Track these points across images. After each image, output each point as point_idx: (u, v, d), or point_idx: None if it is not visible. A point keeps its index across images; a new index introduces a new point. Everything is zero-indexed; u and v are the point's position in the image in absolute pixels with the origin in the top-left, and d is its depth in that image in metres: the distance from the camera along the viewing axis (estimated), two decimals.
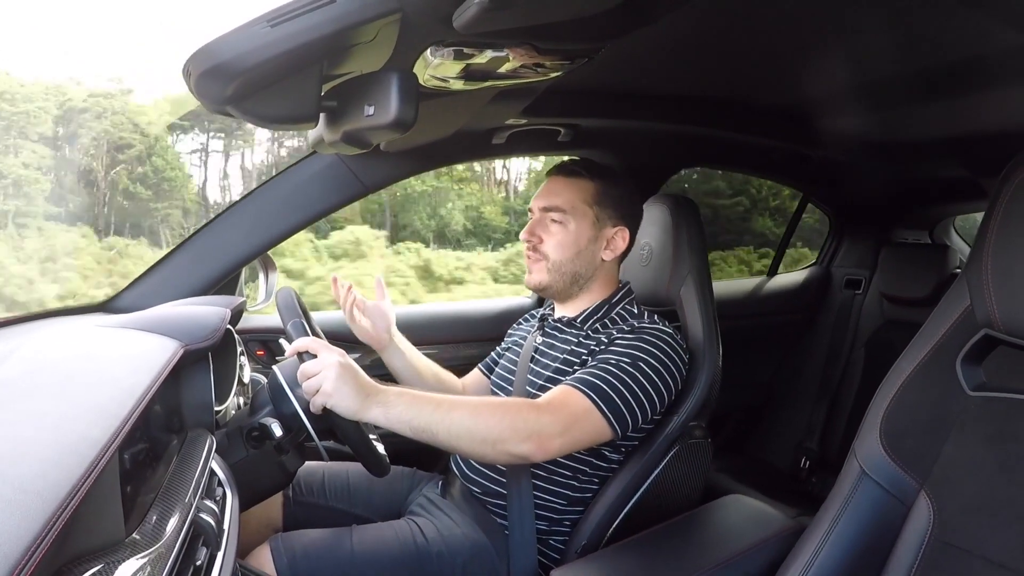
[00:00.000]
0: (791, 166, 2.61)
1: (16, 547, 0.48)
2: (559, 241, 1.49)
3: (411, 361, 1.71)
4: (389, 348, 1.68)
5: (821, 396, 2.86)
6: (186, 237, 1.75)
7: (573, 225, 1.49)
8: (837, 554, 1.03)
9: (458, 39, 0.95)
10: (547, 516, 1.43)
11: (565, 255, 1.49)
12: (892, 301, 2.74)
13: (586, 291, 1.54)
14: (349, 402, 1.14)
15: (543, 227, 1.51)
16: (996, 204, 0.97)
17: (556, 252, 1.49)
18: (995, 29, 1.19)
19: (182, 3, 3.67)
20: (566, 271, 1.50)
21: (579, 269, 1.51)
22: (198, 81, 0.90)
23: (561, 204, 1.49)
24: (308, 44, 0.86)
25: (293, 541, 1.33)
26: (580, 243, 1.49)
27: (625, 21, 0.97)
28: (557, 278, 1.50)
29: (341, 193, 1.80)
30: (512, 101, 1.42)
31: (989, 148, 1.89)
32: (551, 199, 1.50)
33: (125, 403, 0.77)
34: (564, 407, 1.28)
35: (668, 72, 1.63)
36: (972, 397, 0.99)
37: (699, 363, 1.47)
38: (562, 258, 1.49)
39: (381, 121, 0.99)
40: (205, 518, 0.85)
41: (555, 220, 1.49)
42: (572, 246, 1.49)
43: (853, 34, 1.32)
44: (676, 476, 1.45)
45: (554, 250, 1.49)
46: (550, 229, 1.50)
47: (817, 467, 2.79)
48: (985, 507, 0.93)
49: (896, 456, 1.02)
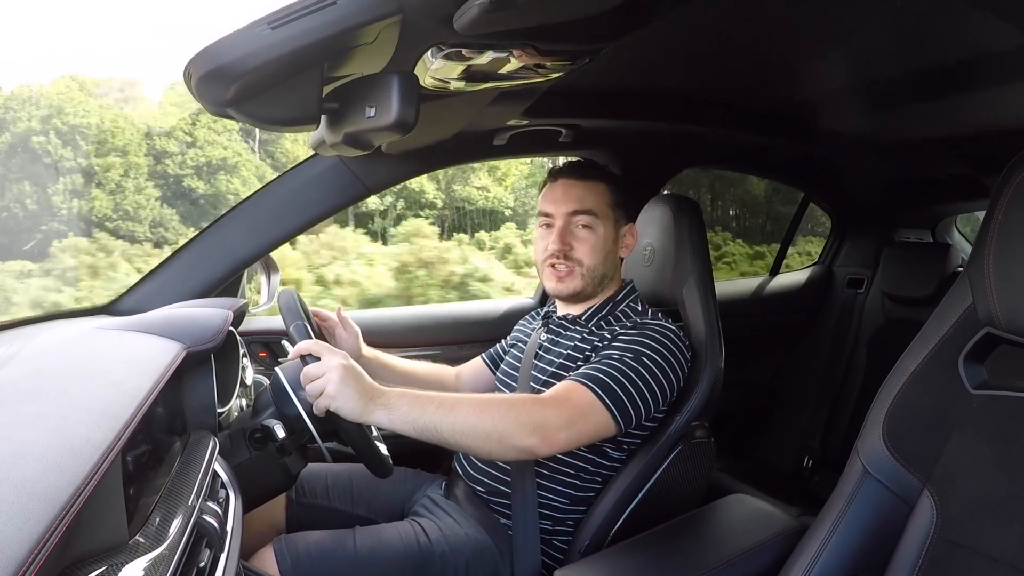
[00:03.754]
0: (793, 166, 2.61)
1: (20, 550, 0.48)
2: (592, 246, 1.49)
3: (389, 370, 1.71)
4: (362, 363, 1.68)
5: (823, 395, 2.86)
6: (188, 239, 1.75)
7: (601, 229, 1.50)
8: (840, 553, 1.03)
9: (459, 40, 0.95)
10: (550, 516, 1.43)
11: (597, 259, 1.50)
12: (894, 300, 2.73)
13: (600, 291, 1.54)
14: (353, 404, 1.14)
15: (572, 233, 1.50)
16: (998, 202, 0.97)
17: (590, 257, 1.49)
18: (996, 27, 1.19)
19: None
20: (597, 274, 1.51)
21: (607, 271, 1.52)
22: (199, 84, 0.90)
23: (592, 208, 1.49)
24: (309, 46, 0.86)
25: (296, 542, 1.33)
26: (608, 246, 1.51)
27: (626, 21, 0.97)
28: (589, 282, 1.51)
29: (343, 195, 1.80)
30: (513, 102, 1.42)
31: (991, 146, 1.89)
32: (579, 203, 1.50)
33: (128, 405, 0.77)
34: (568, 401, 1.28)
35: (669, 72, 1.63)
36: (974, 396, 0.99)
37: (702, 362, 1.47)
38: (595, 263, 1.50)
39: (382, 123, 0.99)
40: (208, 520, 0.85)
41: (585, 225, 1.49)
42: (602, 250, 1.50)
43: (854, 33, 1.32)
44: (679, 476, 1.45)
45: (588, 255, 1.49)
46: (578, 235, 1.50)
47: (820, 466, 2.79)
48: (988, 505, 0.93)
49: (899, 455, 1.02)
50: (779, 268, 3.07)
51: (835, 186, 2.80)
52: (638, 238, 1.63)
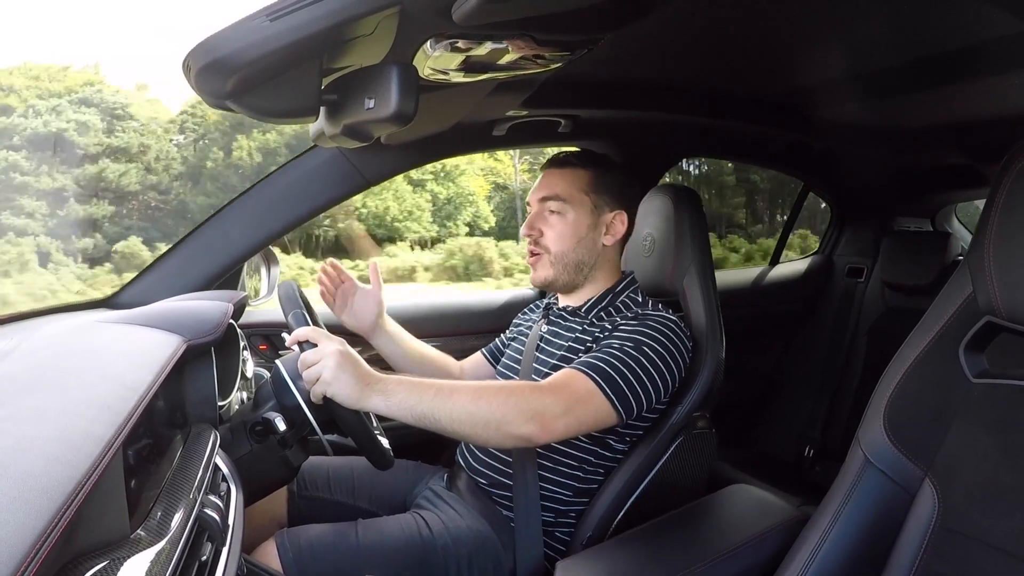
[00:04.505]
0: (792, 155, 2.61)
1: (21, 544, 0.48)
2: (559, 232, 1.50)
3: (402, 345, 1.71)
4: (379, 334, 1.69)
5: (824, 385, 2.86)
6: (188, 232, 1.75)
7: (572, 215, 1.49)
8: (842, 543, 1.03)
9: (457, 31, 0.95)
10: (553, 508, 1.44)
11: (566, 245, 1.50)
12: (894, 289, 2.73)
13: (591, 280, 1.54)
14: (349, 390, 1.14)
15: (542, 220, 1.52)
16: (998, 191, 0.97)
17: (557, 243, 1.50)
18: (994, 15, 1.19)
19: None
20: (569, 261, 1.50)
21: (582, 257, 1.51)
22: (198, 76, 0.90)
23: (559, 193, 1.50)
24: (308, 38, 0.85)
25: (298, 536, 1.33)
26: (580, 231, 1.50)
27: (624, 11, 0.96)
28: (561, 270, 1.51)
29: (342, 186, 1.79)
30: (512, 93, 1.42)
31: (990, 134, 1.89)
32: (547, 190, 1.51)
33: (128, 399, 0.77)
34: (566, 388, 1.28)
35: (668, 62, 1.62)
36: (975, 384, 0.99)
37: (702, 353, 1.47)
38: (563, 249, 1.50)
39: (382, 114, 0.99)
40: (210, 513, 0.85)
41: (553, 211, 1.50)
42: (572, 236, 1.49)
43: (852, 22, 1.31)
44: (680, 466, 1.45)
45: (554, 242, 1.50)
46: (549, 221, 1.51)
47: (821, 456, 2.79)
48: (989, 494, 0.93)
49: (900, 444, 1.02)
50: (779, 258, 3.07)
51: (834, 175, 2.79)
52: (638, 228, 1.63)
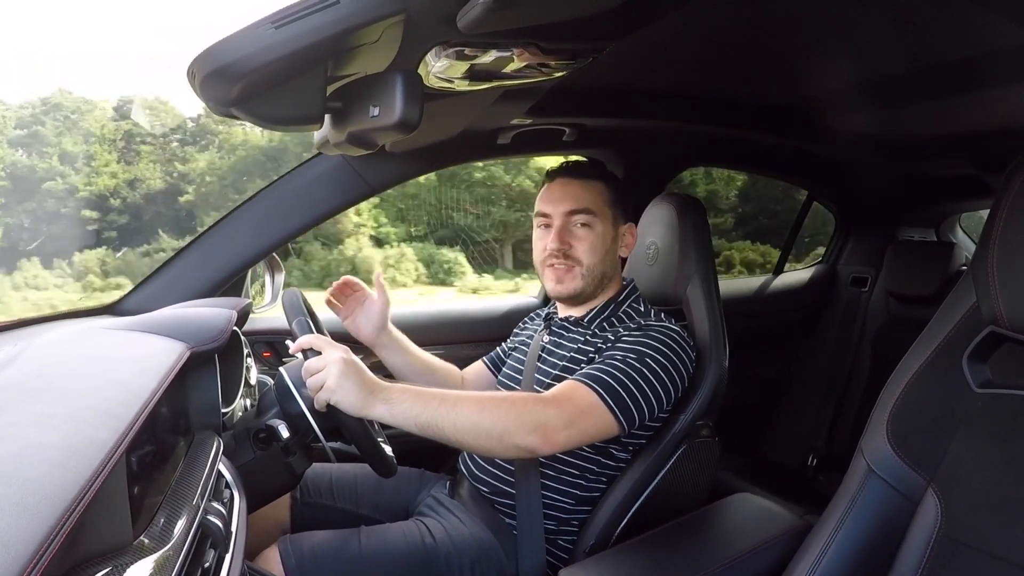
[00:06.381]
0: (797, 164, 2.61)
1: (24, 550, 0.48)
2: (591, 244, 1.49)
3: (406, 355, 1.70)
4: (385, 344, 1.67)
5: (828, 394, 2.86)
6: (192, 239, 1.75)
7: (600, 227, 1.49)
8: (845, 552, 1.03)
9: (462, 39, 0.95)
10: (555, 516, 1.43)
11: (596, 258, 1.49)
12: (898, 299, 2.73)
13: (600, 291, 1.54)
14: (353, 398, 1.14)
15: (570, 232, 1.50)
16: (1001, 201, 0.97)
17: (588, 256, 1.49)
18: (1000, 26, 1.19)
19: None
20: (597, 273, 1.50)
21: (606, 269, 1.52)
22: (203, 83, 0.90)
23: (589, 206, 1.49)
24: (312, 45, 0.86)
25: (301, 542, 1.33)
26: (606, 244, 1.50)
27: (629, 20, 0.96)
28: (590, 282, 1.51)
29: (346, 194, 1.80)
30: (517, 101, 1.42)
31: (994, 145, 1.88)
32: (576, 202, 1.49)
33: (132, 405, 0.77)
34: (569, 400, 1.28)
35: (673, 71, 1.63)
36: (978, 394, 0.99)
37: (706, 362, 1.47)
38: (594, 261, 1.49)
39: (386, 122, 0.99)
40: (213, 520, 0.85)
41: (584, 224, 1.49)
42: (601, 248, 1.49)
43: (858, 31, 1.32)
44: (683, 475, 1.44)
45: (586, 254, 1.49)
46: (577, 234, 1.50)
47: (824, 465, 2.79)
48: (993, 504, 0.93)
49: (903, 454, 1.02)
50: (783, 267, 3.06)
51: (839, 185, 2.80)
52: (642, 237, 1.63)
